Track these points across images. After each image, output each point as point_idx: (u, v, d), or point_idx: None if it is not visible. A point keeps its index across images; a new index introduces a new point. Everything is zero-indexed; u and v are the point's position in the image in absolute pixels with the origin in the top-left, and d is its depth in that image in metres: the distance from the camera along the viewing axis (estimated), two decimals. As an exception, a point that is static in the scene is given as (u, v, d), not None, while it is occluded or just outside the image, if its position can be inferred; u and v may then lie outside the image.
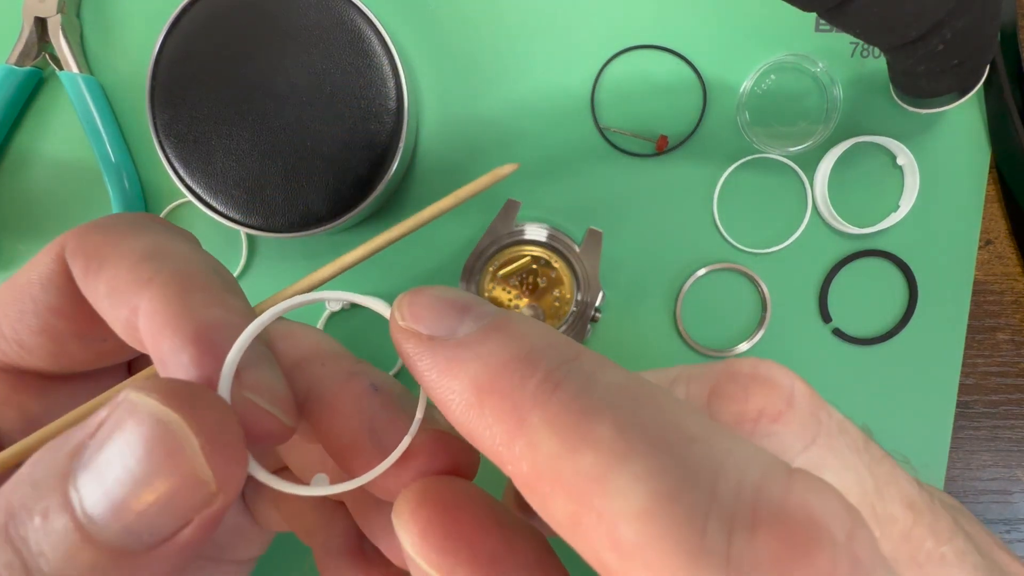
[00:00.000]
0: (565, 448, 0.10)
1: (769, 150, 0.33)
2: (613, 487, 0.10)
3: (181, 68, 0.30)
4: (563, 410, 0.11)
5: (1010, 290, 0.35)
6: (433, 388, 0.12)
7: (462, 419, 0.12)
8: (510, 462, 0.11)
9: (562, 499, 0.10)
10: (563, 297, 0.33)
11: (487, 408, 0.11)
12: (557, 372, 0.11)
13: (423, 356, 0.12)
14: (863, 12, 0.24)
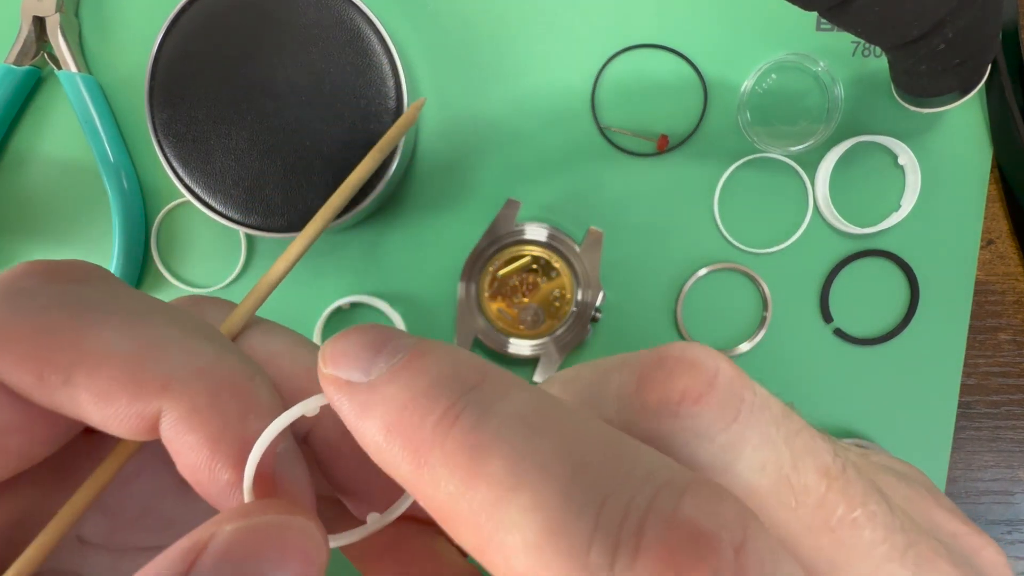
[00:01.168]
0: (462, 485, 0.11)
1: (770, 150, 0.33)
2: (505, 521, 0.10)
3: (180, 67, 0.30)
4: (458, 447, 0.11)
5: (1012, 290, 0.35)
6: (354, 432, 0.12)
7: (378, 461, 0.12)
8: (420, 500, 0.11)
9: (465, 534, 0.11)
10: (563, 297, 0.33)
11: (394, 449, 0.11)
12: (456, 407, 0.11)
13: (342, 401, 0.12)
14: (864, 11, 0.24)
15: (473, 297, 0.33)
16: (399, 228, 0.34)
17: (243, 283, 0.35)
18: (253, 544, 0.12)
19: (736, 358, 0.34)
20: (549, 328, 0.33)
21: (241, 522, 0.12)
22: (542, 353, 0.33)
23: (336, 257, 0.34)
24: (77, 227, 0.34)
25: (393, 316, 0.34)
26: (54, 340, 0.14)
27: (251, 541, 0.12)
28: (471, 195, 0.34)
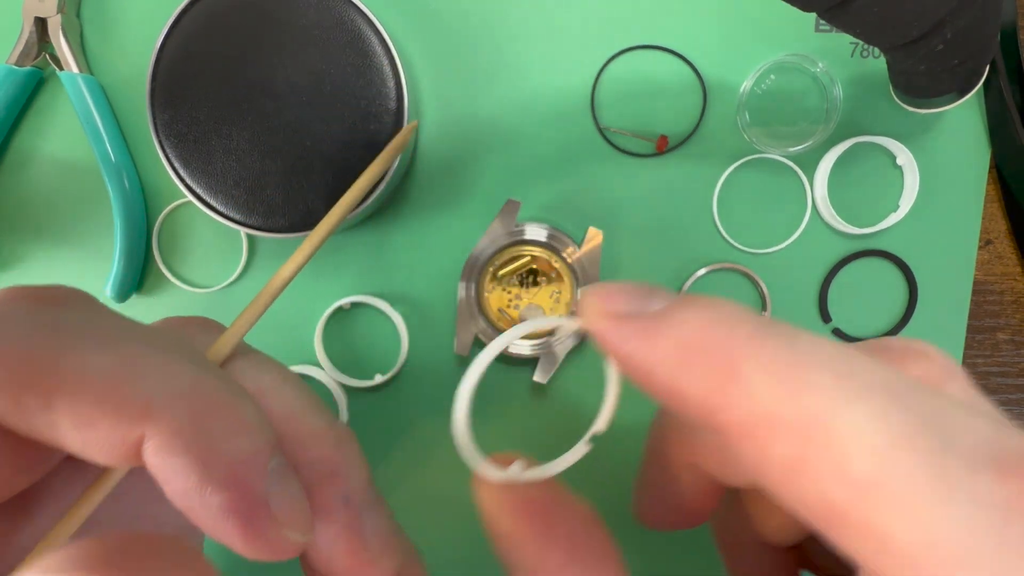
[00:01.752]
0: (784, 392, 0.11)
1: (769, 150, 0.33)
2: (844, 427, 0.11)
3: (181, 68, 0.30)
4: (776, 359, 0.12)
5: (1010, 290, 0.35)
6: (633, 357, 0.13)
7: (669, 379, 0.13)
8: (724, 410, 0.12)
9: (782, 442, 0.11)
10: (563, 297, 0.33)
11: (696, 365, 0.12)
12: (761, 329, 0.12)
13: (622, 331, 0.13)
14: (863, 12, 0.24)
15: (473, 297, 0.33)
16: (399, 228, 0.34)
17: (244, 283, 0.35)
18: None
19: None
20: (549, 328, 0.33)
21: None
22: (542, 353, 0.33)
23: (336, 257, 0.34)
24: (78, 227, 0.34)
25: (394, 316, 0.34)
26: (33, 365, 0.14)
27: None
28: (471, 195, 0.34)
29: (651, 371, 0.13)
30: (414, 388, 0.35)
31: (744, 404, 0.12)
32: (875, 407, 0.11)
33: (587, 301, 0.14)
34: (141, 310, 0.35)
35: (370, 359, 0.35)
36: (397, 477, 0.35)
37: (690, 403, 0.13)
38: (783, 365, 0.12)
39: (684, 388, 0.12)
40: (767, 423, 0.11)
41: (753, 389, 0.12)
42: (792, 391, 0.11)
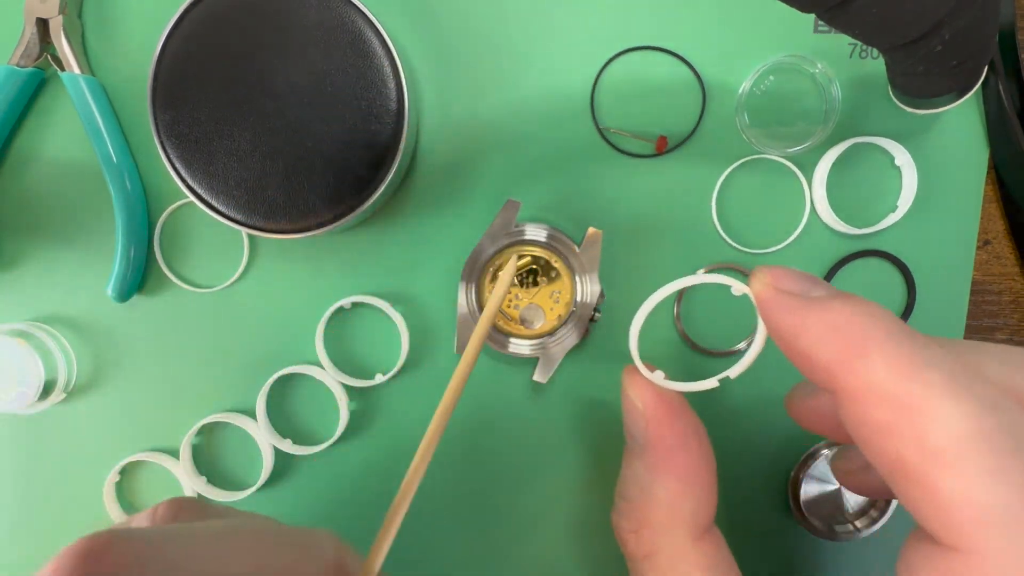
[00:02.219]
0: (897, 376, 0.15)
1: (768, 151, 0.33)
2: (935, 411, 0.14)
3: (182, 69, 0.30)
4: (900, 353, 0.15)
5: (1008, 290, 0.35)
6: (788, 325, 0.18)
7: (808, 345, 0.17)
8: (844, 376, 0.16)
9: (882, 409, 0.15)
10: (563, 297, 0.33)
11: (834, 340, 0.16)
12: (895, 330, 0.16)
13: (785, 303, 0.18)
14: (862, 12, 0.24)
15: (473, 297, 0.33)
16: (400, 228, 0.34)
17: (245, 283, 0.35)
18: None
19: (734, 357, 0.34)
20: (549, 328, 0.33)
21: None
22: (542, 353, 0.33)
23: (337, 257, 0.35)
24: (80, 228, 0.35)
25: (394, 316, 0.34)
26: None
27: None
28: (471, 196, 0.34)
29: (796, 337, 0.18)
30: (414, 388, 0.35)
31: (862, 375, 0.16)
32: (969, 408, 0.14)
33: (761, 275, 0.20)
34: (142, 310, 0.35)
35: (370, 359, 0.35)
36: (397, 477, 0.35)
37: (818, 366, 0.17)
38: (905, 359, 0.15)
39: (817, 354, 0.17)
40: (874, 393, 0.16)
41: (873, 367, 0.16)
42: (904, 377, 0.15)
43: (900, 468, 0.15)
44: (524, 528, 0.35)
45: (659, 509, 0.24)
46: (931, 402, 0.15)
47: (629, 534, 0.25)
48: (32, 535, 0.36)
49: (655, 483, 0.24)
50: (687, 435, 0.24)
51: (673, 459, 0.24)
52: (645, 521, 0.24)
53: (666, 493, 0.24)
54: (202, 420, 0.35)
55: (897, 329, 0.16)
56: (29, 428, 0.35)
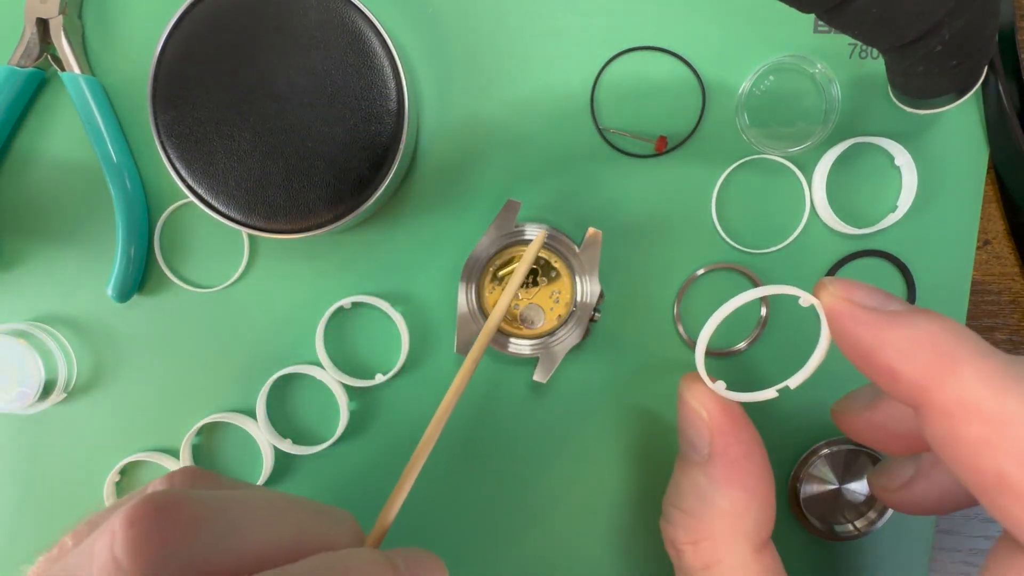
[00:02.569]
0: (991, 392, 0.16)
1: (768, 151, 0.33)
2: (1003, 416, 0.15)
3: (183, 69, 0.30)
4: (991, 370, 0.16)
5: (1008, 290, 0.35)
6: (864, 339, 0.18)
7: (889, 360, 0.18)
8: (934, 392, 0.17)
9: (976, 425, 0.16)
10: (563, 297, 0.33)
11: (921, 356, 0.17)
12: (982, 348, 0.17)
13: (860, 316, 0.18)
14: (862, 13, 0.24)
15: (473, 297, 0.33)
16: (400, 228, 0.34)
17: (245, 283, 0.35)
18: None
19: (734, 357, 0.34)
20: (549, 328, 0.33)
21: None
22: (542, 353, 0.33)
23: (337, 257, 0.35)
24: (80, 228, 0.35)
25: (394, 316, 0.34)
26: None
27: None
28: (471, 196, 0.34)
29: (877, 351, 0.18)
30: (414, 388, 0.35)
31: (955, 392, 0.16)
32: (1018, 407, 0.15)
33: (832, 288, 0.20)
34: (143, 310, 0.35)
35: (370, 359, 0.35)
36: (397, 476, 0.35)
37: (902, 380, 0.17)
38: (996, 376, 0.16)
39: (902, 369, 0.17)
40: (967, 408, 0.16)
41: (965, 383, 0.16)
42: (998, 392, 0.16)
43: (999, 482, 0.16)
44: (525, 528, 0.35)
45: (722, 520, 0.24)
46: (980, 413, 0.15)
47: (686, 544, 0.24)
48: (32, 535, 0.36)
49: (718, 493, 0.24)
50: (752, 445, 0.24)
51: (739, 470, 0.24)
52: (706, 532, 0.24)
53: (731, 504, 0.24)
54: (202, 420, 0.35)
55: (984, 347, 0.17)
56: (29, 428, 0.35)
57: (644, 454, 0.35)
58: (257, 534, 0.18)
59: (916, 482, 0.25)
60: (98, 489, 0.35)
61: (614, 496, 0.35)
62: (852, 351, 0.19)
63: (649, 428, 0.35)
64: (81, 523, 0.20)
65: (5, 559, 0.36)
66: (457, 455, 0.35)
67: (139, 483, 0.36)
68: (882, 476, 0.26)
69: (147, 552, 0.16)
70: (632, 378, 0.35)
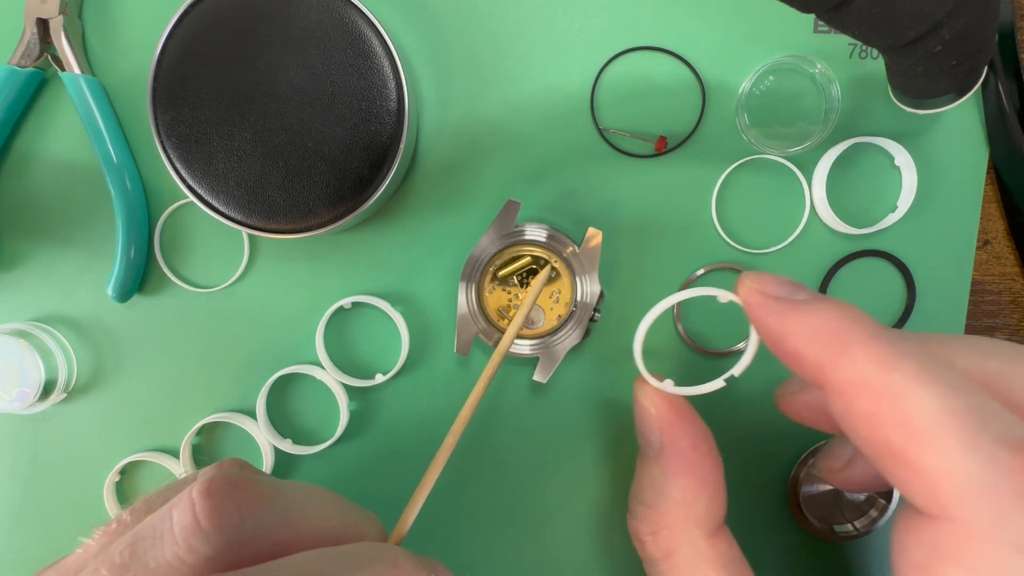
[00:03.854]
0: (879, 370, 0.17)
1: (767, 151, 0.33)
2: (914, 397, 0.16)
3: (183, 69, 0.30)
4: (880, 350, 0.17)
5: (1008, 290, 0.35)
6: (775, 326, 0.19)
7: (795, 344, 0.19)
8: (830, 372, 0.18)
9: (867, 399, 0.17)
10: (563, 297, 0.33)
11: (819, 339, 0.18)
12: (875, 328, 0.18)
13: (771, 306, 0.20)
14: (862, 13, 0.24)
15: (473, 297, 0.33)
16: (400, 228, 0.34)
17: (245, 283, 0.35)
18: None
19: (734, 357, 0.34)
20: (549, 328, 0.33)
21: None
22: (542, 353, 0.33)
23: (337, 257, 0.35)
24: (80, 228, 0.35)
25: (394, 316, 0.34)
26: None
27: None
28: (471, 196, 0.34)
29: (784, 338, 0.19)
30: (414, 388, 0.35)
31: (847, 371, 0.18)
32: (940, 392, 0.16)
33: (747, 281, 0.21)
34: (142, 310, 0.35)
35: (370, 359, 0.35)
36: (397, 476, 0.35)
37: (805, 363, 0.19)
38: (883, 354, 0.17)
39: (804, 353, 0.19)
40: (858, 385, 0.17)
41: (856, 363, 0.17)
42: (885, 370, 0.17)
43: (888, 451, 0.17)
44: (525, 527, 0.35)
45: (676, 509, 0.25)
46: (909, 390, 0.16)
47: (647, 536, 0.26)
48: (32, 535, 0.36)
49: (671, 484, 0.25)
50: (697, 437, 0.26)
51: (687, 461, 0.25)
52: (663, 522, 0.25)
53: (682, 493, 0.25)
54: (202, 420, 0.35)
55: (875, 327, 0.18)
56: (29, 428, 0.35)
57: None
58: (311, 517, 0.21)
59: (856, 461, 0.26)
60: (98, 489, 0.35)
61: (614, 495, 0.35)
62: (766, 338, 0.20)
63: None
64: (138, 501, 0.22)
65: (5, 559, 0.36)
66: (457, 455, 0.35)
67: (139, 483, 0.36)
68: (826, 459, 0.28)
69: (224, 516, 0.19)
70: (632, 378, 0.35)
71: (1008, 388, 0.19)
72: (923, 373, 0.17)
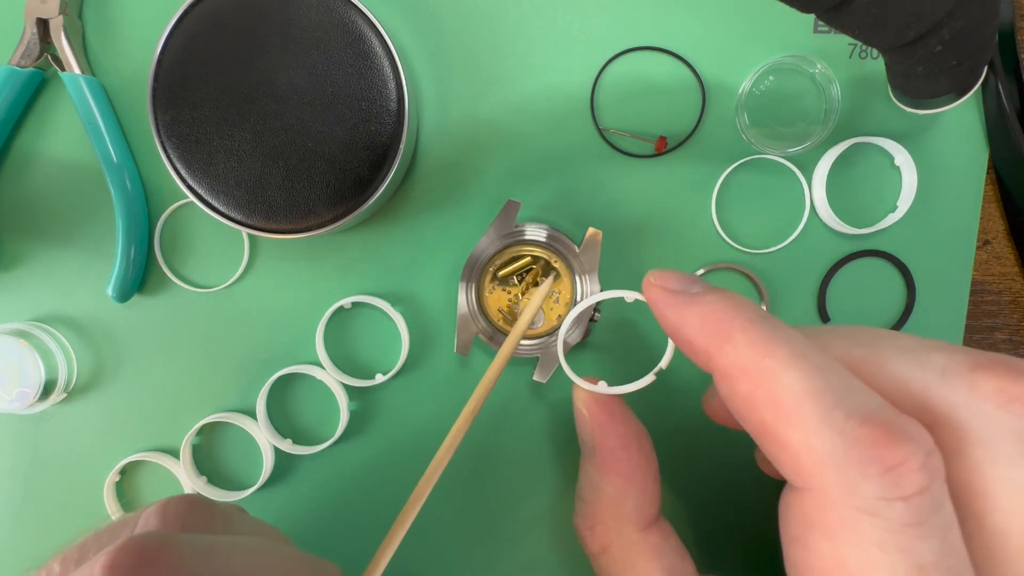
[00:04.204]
0: (755, 355, 0.18)
1: (767, 151, 0.33)
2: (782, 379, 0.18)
3: (183, 69, 0.30)
4: (757, 336, 0.19)
5: (1008, 290, 0.35)
6: (671, 318, 0.21)
7: (688, 334, 0.20)
8: (716, 358, 0.19)
9: (745, 383, 0.18)
10: (563, 297, 0.33)
11: (707, 328, 0.20)
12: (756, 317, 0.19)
13: (669, 300, 0.21)
14: (862, 13, 0.24)
15: (473, 297, 0.33)
16: (400, 228, 0.34)
17: (245, 283, 0.35)
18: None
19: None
20: (549, 328, 0.33)
21: None
22: (542, 353, 0.33)
23: (337, 257, 0.35)
24: (80, 228, 0.35)
25: (394, 316, 0.34)
26: None
27: None
28: (471, 196, 0.34)
29: (679, 328, 0.21)
30: (414, 388, 0.35)
31: (730, 356, 0.19)
32: (805, 373, 0.18)
33: (649, 278, 0.22)
34: (143, 310, 0.35)
35: (370, 359, 0.35)
36: (397, 476, 0.35)
37: (697, 351, 0.20)
38: (760, 340, 0.18)
39: (695, 341, 0.20)
40: (739, 370, 0.19)
41: (737, 349, 0.19)
42: (760, 354, 0.18)
43: (763, 430, 0.18)
44: (525, 527, 0.35)
45: (608, 505, 0.26)
46: (778, 372, 0.18)
47: (586, 531, 0.27)
48: (32, 535, 0.36)
49: (603, 481, 0.26)
50: (628, 437, 0.27)
51: (615, 459, 0.26)
52: (598, 518, 0.26)
53: (613, 490, 0.26)
54: (202, 420, 0.35)
55: (755, 315, 0.19)
56: (29, 428, 0.35)
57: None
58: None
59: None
60: (98, 489, 0.35)
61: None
62: (667, 329, 0.22)
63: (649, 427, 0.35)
64: (72, 546, 0.20)
65: (5, 559, 0.36)
66: (456, 455, 0.35)
67: (139, 483, 0.36)
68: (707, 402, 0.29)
69: None
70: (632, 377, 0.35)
71: (872, 372, 0.20)
72: (792, 357, 0.18)
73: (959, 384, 0.18)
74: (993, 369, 0.18)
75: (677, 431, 0.35)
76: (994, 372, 0.18)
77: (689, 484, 0.35)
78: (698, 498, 0.35)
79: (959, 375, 0.18)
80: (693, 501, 0.35)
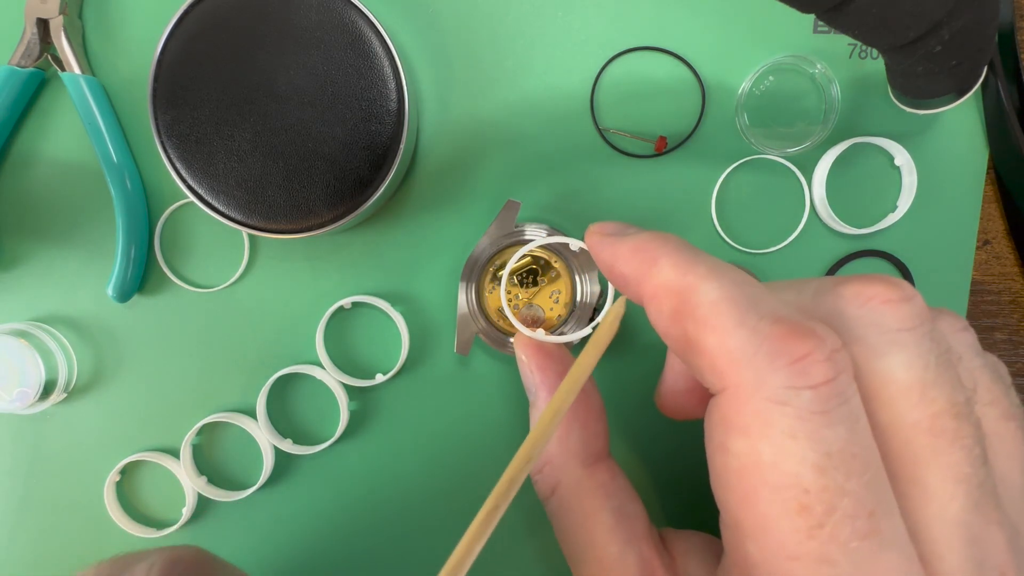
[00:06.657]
0: (678, 274, 0.20)
1: (767, 151, 0.33)
2: (702, 292, 0.19)
3: (183, 69, 0.30)
4: (680, 260, 0.20)
5: (1007, 290, 0.35)
6: (605, 256, 0.22)
7: (619, 267, 0.22)
8: (644, 282, 0.21)
9: (670, 300, 0.20)
10: (563, 297, 0.33)
11: (635, 258, 0.21)
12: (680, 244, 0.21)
13: (605, 241, 0.22)
14: (862, 13, 0.24)
15: (473, 297, 0.33)
16: (400, 228, 0.34)
17: (245, 283, 0.35)
18: None
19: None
20: (549, 328, 0.33)
21: None
22: (542, 352, 0.33)
23: (337, 257, 0.35)
24: (80, 228, 0.35)
25: (394, 316, 0.34)
26: None
27: None
28: (471, 196, 0.34)
29: (613, 263, 0.22)
30: (414, 388, 0.35)
31: (655, 279, 0.20)
32: (721, 283, 0.19)
33: (591, 227, 0.24)
34: (143, 310, 0.35)
35: (370, 359, 0.35)
36: (397, 476, 0.35)
37: (628, 280, 0.21)
38: (683, 261, 0.20)
39: (626, 272, 0.21)
40: (664, 290, 0.20)
41: (662, 271, 0.20)
42: (682, 274, 0.20)
43: (685, 341, 0.19)
44: (525, 527, 0.35)
45: (553, 444, 0.26)
46: (698, 285, 0.19)
47: (536, 475, 0.27)
48: (32, 535, 0.36)
49: None
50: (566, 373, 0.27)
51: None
52: (545, 458, 0.27)
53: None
54: (202, 420, 0.35)
55: (680, 244, 0.21)
56: (29, 428, 0.35)
57: (644, 452, 0.35)
58: None
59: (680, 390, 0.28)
60: (98, 489, 0.35)
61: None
62: (603, 269, 0.23)
63: (649, 426, 0.35)
64: None
65: (5, 558, 0.36)
66: (454, 454, 0.35)
67: (139, 483, 0.36)
68: (658, 395, 0.29)
69: None
70: (632, 377, 0.35)
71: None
72: (711, 272, 0.19)
73: (827, 298, 0.20)
74: (850, 280, 0.20)
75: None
76: (851, 282, 0.20)
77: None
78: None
79: (827, 291, 0.20)
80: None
